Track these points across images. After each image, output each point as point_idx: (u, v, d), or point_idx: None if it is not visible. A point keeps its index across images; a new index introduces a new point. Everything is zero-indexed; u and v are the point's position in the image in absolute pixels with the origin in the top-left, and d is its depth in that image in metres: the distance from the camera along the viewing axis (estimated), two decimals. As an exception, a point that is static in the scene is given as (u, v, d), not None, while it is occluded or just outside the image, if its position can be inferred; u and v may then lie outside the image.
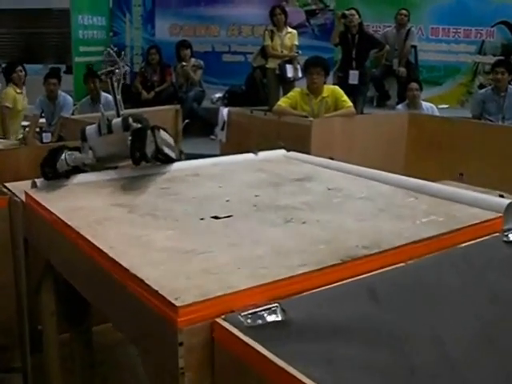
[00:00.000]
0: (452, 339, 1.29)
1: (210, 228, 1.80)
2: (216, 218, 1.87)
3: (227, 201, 2.06)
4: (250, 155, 2.71)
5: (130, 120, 2.39)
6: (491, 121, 6.38)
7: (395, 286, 1.50)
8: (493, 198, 1.93)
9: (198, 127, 7.29)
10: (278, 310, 1.30)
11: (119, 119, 2.43)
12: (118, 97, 2.60)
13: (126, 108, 2.58)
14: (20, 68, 7.46)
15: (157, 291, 1.35)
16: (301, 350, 1.18)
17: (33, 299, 2.32)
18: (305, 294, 1.39)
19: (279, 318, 1.28)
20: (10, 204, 2.30)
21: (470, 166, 4.75)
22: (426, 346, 1.27)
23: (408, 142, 5.34)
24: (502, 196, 2.05)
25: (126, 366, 2.72)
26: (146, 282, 1.39)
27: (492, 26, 9.13)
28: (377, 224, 1.80)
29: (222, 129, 5.38)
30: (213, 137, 6.93)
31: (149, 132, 2.32)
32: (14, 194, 2.30)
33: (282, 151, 2.79)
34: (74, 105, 7.67)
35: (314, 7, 9.67)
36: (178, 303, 1.28)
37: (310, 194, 2.13)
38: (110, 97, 7.07)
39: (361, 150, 4.80)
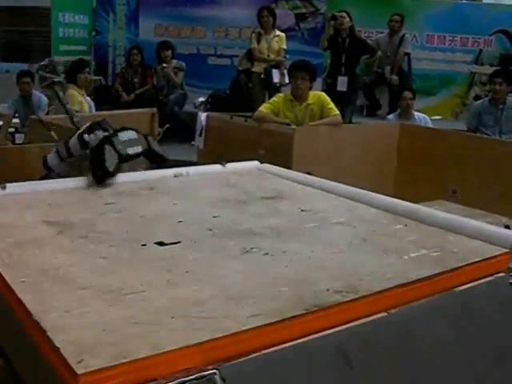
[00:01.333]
0: None
1: (150, 258, 1.47)
2: (160, 244, 1.55)
3: (180, 222, 1.74)
4: (218, 166, 2.39)
5: (86, 136, 2.34)
6: (488, 134, 6.08)
7: (374, 344, 1.19)
8: (497, 230, 1.62)
9: (179, 132, 6.98)
10: (216, 379, 1.00)
11: (75, 139, 2.39)
12: (68, 106, 2.65)
13: (103, 109, 2.71)
14: (87, 69, 6.95)
15: (58, 348, 1.02)
16: None
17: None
18: (253, 355, 1.07)
19: (215, 391, 0.97)
20: None
21: (465, 182, 4.49)
22: None
23: (399, 154, 5.08)
24: (507, 227, 1.74)
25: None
26: (48, 334, 1.08)
27: (490, 35, 8.83)
28: (355, 259, 1.48)
29: (200, 134, 5.08)
30: (194, 143, 6.64)
31: (106, 147, 2.18)
32: None
33: (255, 163, 2.47)
34: (51, 105, 7.38)
35: (304, 10, 9.39)
36: (80, 369, 0.97)
37: (279, 217, 1.81)
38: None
39: (347, 162, 4.55)
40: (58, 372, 1.02)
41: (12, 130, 7.16)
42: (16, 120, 7.27)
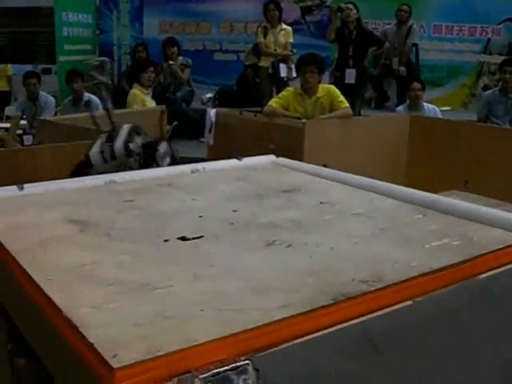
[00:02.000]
0: None
1: (174, 253, 1.48)
2: (183, 239, 1.56)
3: (200, 217, 1.75)
4: (233, 161, 2.40)
5: (131, 145, 2.56)
6: (498, 124, 6.06)
7: (401, 331, 1.19)
8: (518, 217, 1.62)
9: (187, 129, 6.97)
10: (249, 369, 1.01)
11: (121, 145, 2.59)
12: (110, 105, 2.80)
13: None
14: (151, 68, 6.91)
15: (92, 344, 1.03)
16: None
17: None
18: (285, 345, 1.08)
19: (250, 381, 0.99)
20: None
21: (476, 173, 4.48)
22: None
23: (409, 146, 5.06)
24: (527, 214, 1.74)
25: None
26: (81, 329, 1.09)
27: (498, 24, 8.75)
28: (377, 249, 1.49)
29: (210, 131, 5.08)
30: (203, 139, 6.64)
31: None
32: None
33: (271, 157, 2.48)
34: (58, 106, 7.39)
35: (309, 3, 9.36)
36: (115, 363, 0.98)
37: (298, 209, 1.82)
38: (92, 97, 6.82)
39: (358, 156, 4.53)
40: (93, 367, 1.02)
41: (20, 131, 7.17)
42: (23, 121, 7.27)
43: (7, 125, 7.33)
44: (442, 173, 4.62)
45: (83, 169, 2.55)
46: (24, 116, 7.19)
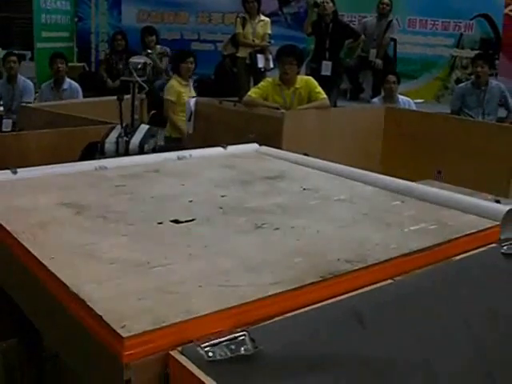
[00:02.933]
0: (447, 370, 1.13)
1: (169, 234, 1.57)
2: (176, 222, 1.64)
3: (190, 201, 1.83)
4: (218, 149, 2.48)
5: (146, 146, 2.81)
6: (471, 116, 6.23)
7: (383, 307, 1.29)
8: (489, 204, 1.73)
9: (165, 118, 7.00)
10: (246, 340, 1.09)
11: (137, 143, 2.87)
12: (136, 103, 3.10)
13: (89, 96, 2.96)
14: (191, 59, 6.61)
15: (100, 316, 1.11)
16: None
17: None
18: (278, 318, 1.18)
19: (247, 350, 1.07)
20: None
21: (449, 163, 4.61)
22: (418, 380, 1.10)
23: (384, 136, 5.17)
24: (498, 202, 1.85)
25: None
26: (88, 303, 1.16)
27: (471, 19, 8.92)
28: (359, 232, 1.59)
29: (189, 119, 5.13)
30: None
31: None
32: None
33: (254, 145, 2.57)
34: (36, 92, 7.34)
35: (287, -5, 9.44)
36: (124, 333, 1.06)
37: (283, 195, 1.91)
38: (73, 83, 6.82)
39: (335, 145, 4.62)
40: (102, 338, 1.10)
41: (-4, 115, 7.07)
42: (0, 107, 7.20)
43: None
44: (416, 163, 4.73)
45: (94, 154, 2.63)
46: (1, 102, 7.12)
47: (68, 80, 6.82)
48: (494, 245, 1.58)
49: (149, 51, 8.26)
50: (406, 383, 1.08)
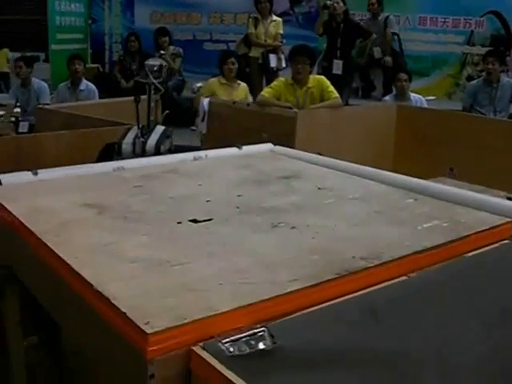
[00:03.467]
0: (461, 364, 1.15)
1: (188, 234, 1.61)
2: (195, 221, 1.68)
3: (207, 201, 1.87)
4: (233, 149, 2.52)
5: (162, 147, 2.82)
6: (482, 113, 6.22)
7: (398, 302, 1.33)
8: (501, 201, 1.76)
9: (178, 118, 7.06)
10: (266, 335, 1.13)
11: (152, 145, 2.87)
12: (152, 105, 3.16)
13: (103, 97, 3.01)
14: (232, 59, 6.60)
15: (124, 313, 1.16)
16: (292, 384, 1.01)
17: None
18: (296, 315, 1.22)
19: (266, 345, 1.11)
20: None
21: (461, 161, 4.61)
22: (432, 373, 1.11)
23: (396, 134, 5.18)
24: (510, 199, 1.88)
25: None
26: (113, 301, 1.21)
27: (481, 16, 8.86)
28: (374, 230, 1.63)
29: (203, 120, 5.17)
30: (193, 128, 6.73)
31: None
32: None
33: (268, 145, 2.61)
34: (52, 93, 7.41)
35: (298, -5, 9.46)
36: (148, 329, 1.10)
37: (298, 194, 1.95)
38: (90, 84, 6.88)
39: (348, 144, 4.63)
40: (127, 334, 1.14)
41: (12, 119, 7.15)
42: (17, 109, 7.26)
43: (1, 112, 7.30)
44: (428, 160, 4.74)
45: (111, 155, 2.66)
46: (18, 104, 7.18)
47: (85, 81, 6.89)
48: (506, 241, 1.61)
49: (162, 52, 8.30)
50: (420, 378, 1.11)
